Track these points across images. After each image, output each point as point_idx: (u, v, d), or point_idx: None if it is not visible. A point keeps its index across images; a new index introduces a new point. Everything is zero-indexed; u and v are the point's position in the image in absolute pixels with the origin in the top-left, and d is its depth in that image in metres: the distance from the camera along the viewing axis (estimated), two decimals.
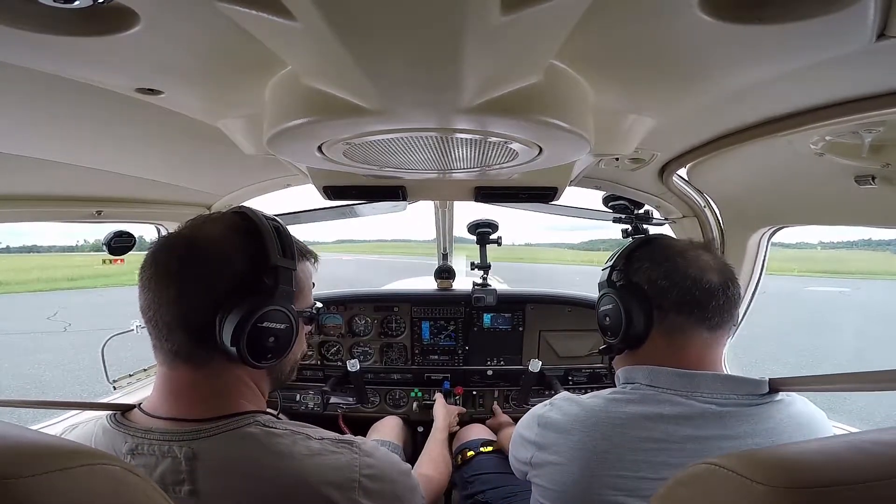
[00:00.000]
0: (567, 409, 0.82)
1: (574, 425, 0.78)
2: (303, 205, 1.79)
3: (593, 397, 0.82)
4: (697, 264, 0.80)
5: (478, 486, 1.37)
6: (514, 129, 0.62)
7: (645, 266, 0.84)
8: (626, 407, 0.76)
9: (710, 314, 0.78)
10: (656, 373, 0.78)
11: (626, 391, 0.80)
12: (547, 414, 0.84)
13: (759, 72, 0.57)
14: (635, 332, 0.82)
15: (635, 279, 0.85)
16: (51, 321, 10.70)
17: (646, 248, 0.88)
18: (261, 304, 0.64)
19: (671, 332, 0.80)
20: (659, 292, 0.80)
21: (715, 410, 0.72)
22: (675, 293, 0.79)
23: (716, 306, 0.78)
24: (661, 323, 0.81)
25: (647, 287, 0.82)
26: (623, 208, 1.58)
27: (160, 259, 0.65)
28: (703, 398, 0.74)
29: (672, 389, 0.75)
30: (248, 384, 0.70)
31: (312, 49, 0.47)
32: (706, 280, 0.78)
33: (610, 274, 0.90)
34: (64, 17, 0.44)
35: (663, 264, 0.82)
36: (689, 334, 0.80)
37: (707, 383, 0.75)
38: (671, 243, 0.87)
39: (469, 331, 1.89)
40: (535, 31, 0.43)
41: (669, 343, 0.81)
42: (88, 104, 0.70)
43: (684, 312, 0.79)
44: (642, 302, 0.81)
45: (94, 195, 1.18)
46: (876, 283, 21.15)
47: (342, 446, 0.67)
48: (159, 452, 0.61)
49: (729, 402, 0.73)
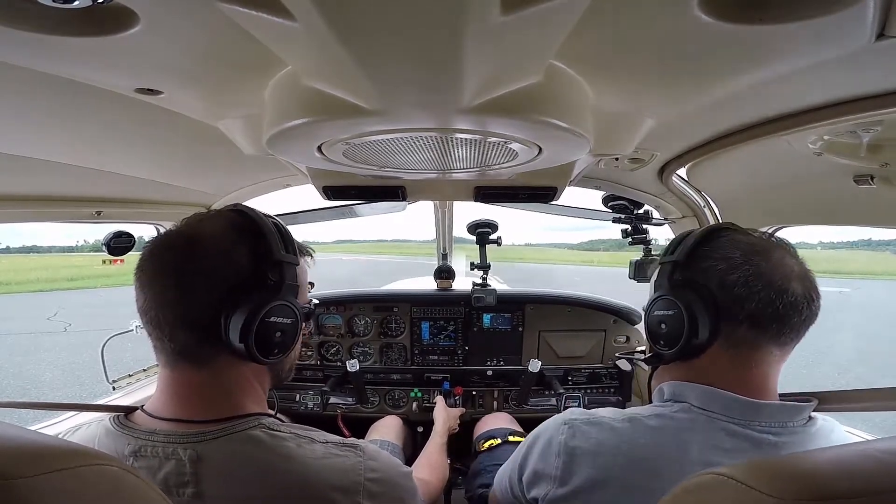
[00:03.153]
0: (597, 435, 0.69)
1: (612, 459, 0.66)
2: (302, 205, 1.80)
3: (628, 420, 0.69)
4: (783, 270, 0.66)
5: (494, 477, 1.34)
6: (514, 129, 0.62)
7: (718, 266, 0.68)
8: (678, 435, 0.65)
9: (788, 330, 0.65)
10: (713, 396, 0.67)
11: (673, 413, 0.68)
12: (570, 442, 0.70)
13: (759, 72, 0.57)
14: (696, 344, 0.69)
15: (702, 280, 0.69)
16: (51, 321, 10.70)
17: (718, 243, 0.71)
18: (268, 299, 0.64)
19: (738, 346, 0.67)
20: (734, 300, 0.66)
21: (772, 441, 0.64)
22: (755, 304, 0.65)
23: (797, 322, 0.65)
24: (727, 336, 0.67)
25: (719, 293, 0.67)
26: (623, 208, 1.59)
27: (159, 258, 0.64)
28: (761, 427, 0.64)
29: (728, 416, 0.65)
30: (251, 383, 0.70)
31: (312, 49, 0.47)
32: (791, 292, 0.64)
33: (671, 271, 0.74)
34: (64, 18, 0.44)
35: (742, 267, 0.66)
36: (758, 352, 0.67)
37: (770, 412, 0.65)
38: (750, 239, 0.70)
39: (469, 331, 1.89)
40: (535, 31, 0.43)
41: (733, 358, 0.68)
42: (88, 104, 0.70)
43: (759, 327, 0.65)
44: (710, 309, 0.67)
45: (94, 195, 1.18)
46: (876, 283, 21.16)
47: (346, 450, 0.67)
48: (163, 454, 0.61)
49: (785, 429, 0.65)
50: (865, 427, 1.13)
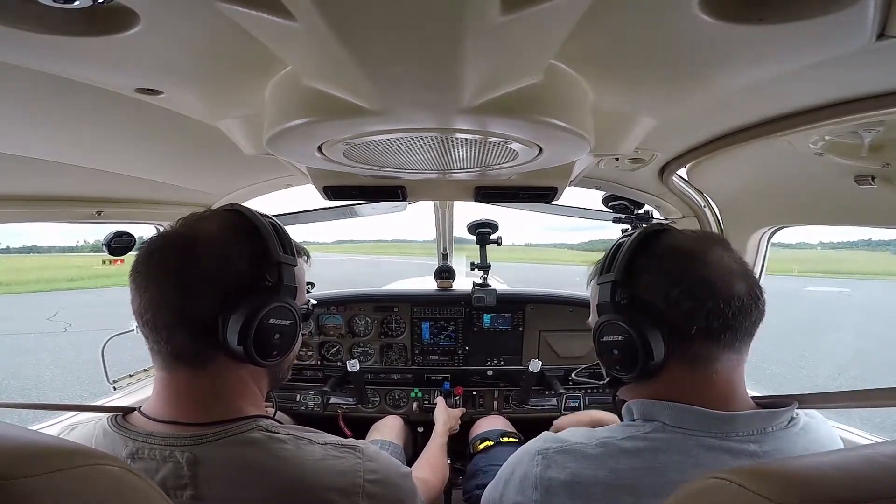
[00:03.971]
0: (571, 465, 0.67)
1: (589, 488, 0.64)
2: (303, 205, 1.80)
3: (602, 446, 0.67)
4: (723, 272, 0.64)
5: (491, 478, 1.34)
6: (514, 129, 0.62)
7: (659, 280, 0.66)
8: (655, 458, 0.63)
9: (741, 335, 0.64)
10: (684, 412, 0.65)
11: (646, 433, 0.66)
12: (545, 474, 0.69)
13: (759, 72, 0.57)
14: (653, 365, 0.66)
15: (647, 297, 0.67)
16: (51, 321, 10.71)
17: (654, 253, 0.69)
18: (266, 300, 0.64)
19: (695, 360, 0.65)
20: (682, 317, 0.64)
21: (753, 450, 0.63)
22: (703, 317, 0.63)
23: (747, 326, 0.64)
24: (683, 352, 0.65)
25: (666, 310, 0.65)
26: (623, 208, 1.59)
27: (156, 259, 0.64)
28: (740, 438, 0.63)
29: (703, 431, 0.63)
30: (249, 385, 0.70)
31: (312, 49, 0.47)
32: (737, 296, 0.63)
33: (612, 292, 0.70)
34: (64, 18, 0.44)
35: (684, 279, 0.64)
36: (716, 362, 0.65)
37: (745, 422, 0.63)
38: (683, 243, 0.69)
39: (469, 331, 1.89)
40: (535, 30, 0.43)
41: (693, 371, 0.66)
42: (88, 104, 0.70)
43: (713, 338, 0.64)
44: (661, 328, 0.65)
45: (94, 195, 1.18)
46: (876, 284, 21.16)
47: (345, 451, 0.67)
48: (160, 457, 0.60)
49: (766, 436, 0.64)
50: (866, 427, 1.13)
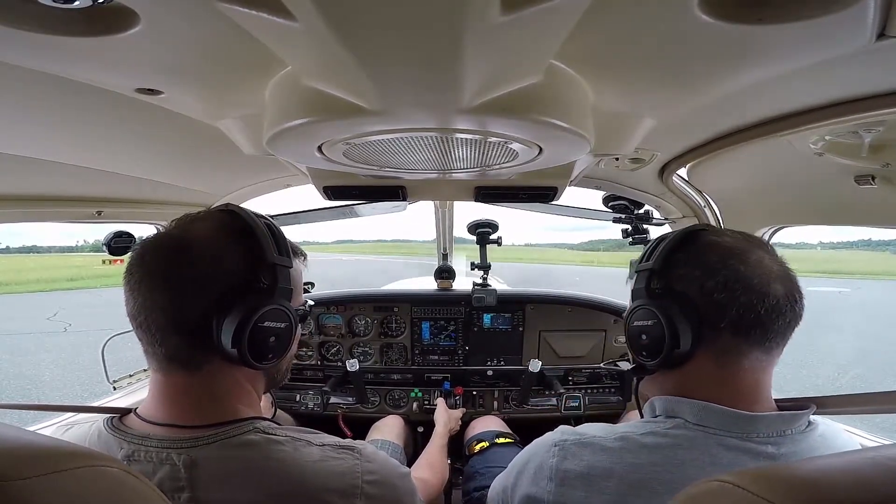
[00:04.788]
0: (588, 457, 0.67)
1: (605, 481, 0.64)
2: (303, 205, 1.80)
3: (621, 439, 0.67)
4: (761, 272, 0.64)
5: (488, 480, 1.35)
6: (514, 129, 0.62)
7: (695, 273, 0.67)
8: (674, 454, 0.63)
9: (772, 335, 0.64)
10: (708, 410, 0.65)
11: (667, 430, 0.66)
12: (561, 465, 0.68)
13: (759, 72, 0.57)
14: (679, 354, 0.67)
15: (680, 288, 0.68)
16: (51, 321, 10.71)
17: (693, 248, 0.70)
18: (261, 303, 0.64)
19: (723, 354, 0.66)
20: (714, 308, 0.64)
21: (771, 452, 0.63)
22: (735, 310, 0.63)
23: (781, 326, 0.64)
24: (711, 344, 0.66)
25: (699, 300, 0.66)
26: (623, 208, 1.58)
27: (150, 261, 0.63)
28: (760, 439, 0.63)
29: (725, 431, 0.64)
30: (245, 387, 0.69)
31: (312, 49, 0.47)
32: (773, 295, 0.63)
33: (648, 280, 0.72)
34: (64, 17, 0.44)
35: (720, 272, 0.65)
36: (745, 358, 0.65)
37: (767, 423, 0.63)
38: (724, 241, 0.69)
39: (469, 331, 1.89)
40: (535, 31, 0.43)
41: (719, 367, 0.66)
42: (88, 104, 0.70)
43: (742, 334, 0.64)
44: (690, 318, 0.66)
45: (94, 195, 1.18)
46: (876, 284, 21.16)
47: (343, 452, 0.67)
48: (157, 459, 0.60)
49: (785, 438, 0.64)
50: (865, 427, 1.13)
